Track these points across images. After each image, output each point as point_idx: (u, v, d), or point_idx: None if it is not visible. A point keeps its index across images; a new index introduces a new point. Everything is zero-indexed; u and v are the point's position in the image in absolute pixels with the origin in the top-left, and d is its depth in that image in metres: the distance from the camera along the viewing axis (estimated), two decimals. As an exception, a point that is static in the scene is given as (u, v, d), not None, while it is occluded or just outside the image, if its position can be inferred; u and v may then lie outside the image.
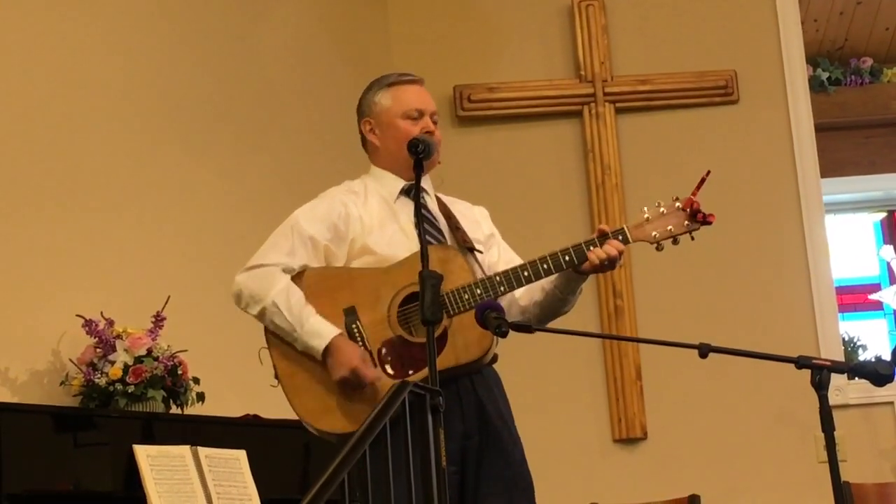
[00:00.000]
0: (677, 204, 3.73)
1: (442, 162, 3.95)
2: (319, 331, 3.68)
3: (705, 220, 3.70)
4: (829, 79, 8.14)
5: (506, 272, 3.67)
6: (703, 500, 5.43)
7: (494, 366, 3.83)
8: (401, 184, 3.88)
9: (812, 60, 7.97)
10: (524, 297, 3.86)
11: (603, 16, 6.94)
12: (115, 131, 5.33)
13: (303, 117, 6.35)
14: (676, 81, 6.90)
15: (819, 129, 7.00)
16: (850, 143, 8.24)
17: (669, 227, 3.71)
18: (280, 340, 3.76)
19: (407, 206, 3.83)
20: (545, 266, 3.66)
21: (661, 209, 3.72)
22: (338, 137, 6.45)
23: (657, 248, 3.72)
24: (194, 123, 5.71)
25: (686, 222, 3.70)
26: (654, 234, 3.71)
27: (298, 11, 6.53)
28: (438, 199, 3.96)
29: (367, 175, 3.96)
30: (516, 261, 3.87)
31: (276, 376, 3.76)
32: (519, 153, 6.90)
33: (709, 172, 3.64)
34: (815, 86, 7.93)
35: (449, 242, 3.83)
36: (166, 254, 5.39)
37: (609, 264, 3.68)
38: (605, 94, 6.88)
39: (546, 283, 3.79)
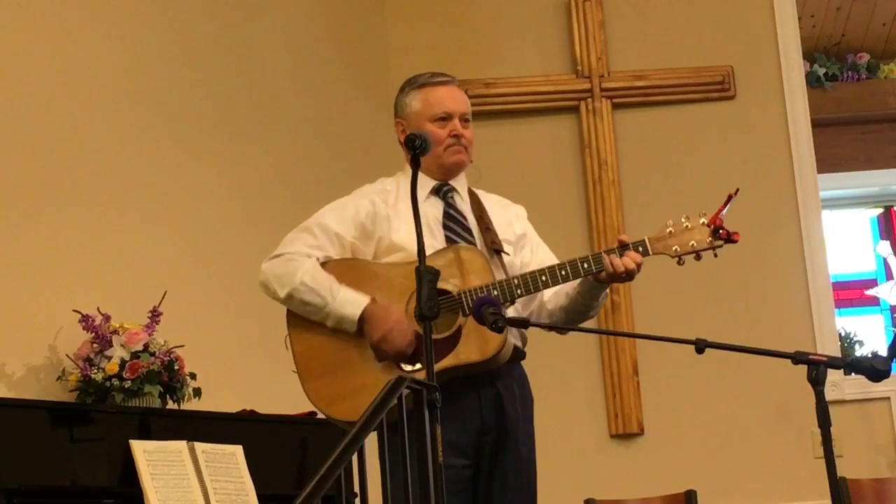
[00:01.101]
0: (702, 219, 3.70)
1: (474, 160, 3.99)
2: (352, 300, 3.69)
3: (730, 239, 3.68)
4: (825, 74, 8.14)
5: (524, 276, 3.69)
6: (699, 495, 5.44)
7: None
8: (431, 184, 3.89)
9: (809, 56, 7.97)
10: (551, 301, 3.88)
11: (600, 11, 6.94)
12: (112, 128, 5.32)
13: (300, 114, 6.35)
14: (673, 77, 6.90)
15: (816, 124, 7.01)
16: (847, 138, 8.25)
17: (692, 243, 3.69)
18: (299, 325, 3.77)
19: (436, 206, 3.86)
20: (563, 272, 3.68)
21: (686, 224, 3.71)
22: (336, 135, 6.46)
23: (678, 263, 3.71)
24: (192, 120, 5.71)
25: (709, 239, 3.69)
26: (675, 248, 3.70)
27: (296, 10, 6.53)
28: (474, 196, 3.98)
29: (402, 173, 3.98)
30: (550, 259, 3.89)
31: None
32: (516, 149, 6.90)
33: (737, 191, 3.62)
34: (812, 81, 7.93)
35: (477, 243, 3.83)
36: (163, 249, 5.39)
37: (626, 276, 3.67)
38: (602, 89, 6.88)
39: (570, 289, 3.81)
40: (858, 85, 8.24)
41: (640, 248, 3.69)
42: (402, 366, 3.67)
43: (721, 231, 3.67)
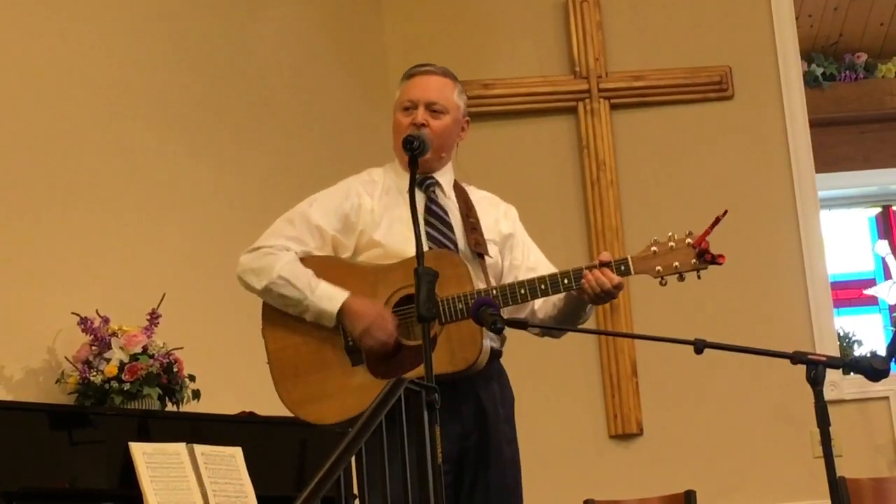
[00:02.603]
0: (688, 240, 3.61)
1: (443, 156, 3.92)
2: (331, 294, 3.67)
3: (714, 261, 3.61)
4: (823, 74, 8.16)
5: (503, 287, 3.64)
6: (698, 495, 5.43)
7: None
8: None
9: (806, 56, 7.98)
10: (541, 309, 3.84)
11: (597, 12, 6.95)
12: (111, 130, 5.32)
13: (299, 114, 6.35)
14: (671, 77, 6.90)
15: (814, 124, 7.01)
16: (845, 138, 8.26)
17: (675, 264, 3.60)
18: (275, 322, 3.76)
19: (418, 200, 3.75)
20: (542, 287, 3.62)
21: (671, 244, 3.61)
22: (334, 134, 6.46)
23: (661, 283, 3.65)
24: (190, 121, 5.71)
25: (693, 261, 3.59)
26: (657, 268, 3.60)
27: (294, 9, 6.53)
28: (462, 193, 3.92)
29: (390, 164, 3.95)
30: (541, 263, 3.85)
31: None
32: (514, 150, 6.90)
33: (725, 212, 3.54)
34: (810, 81, 7.95)
35: (459, 240, 3.79)
36: (162, 251, 5.39)
37: (604, 294, 3.61)
38: (600, 90, 6.88)
39: (557, 300, 3.77)
40: (856, 84, 8.25)
41: (623, 267, 3.62)
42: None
43: (706, 254, 3.61)
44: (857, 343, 8.03)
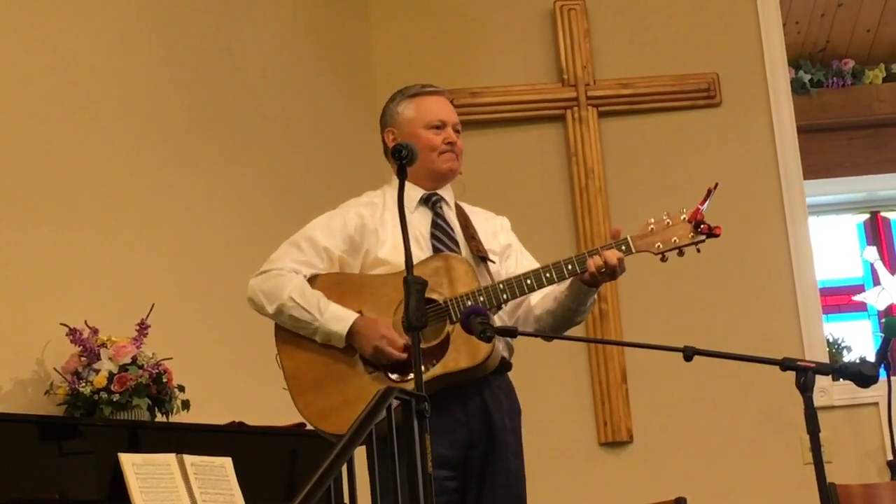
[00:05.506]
0: (683, 216, 3.71)
1: (462, 172, 4.02)
2: (341, 315, 3.71)
3: (711, 233, 3.68)
4: (811, 81, 8.17)
5: (509, 280, 3.70)
6: (689, 502, 5.43)
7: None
8: (420, 193, 3.92)
9: (794, 62, 8.00)
10: (539, 305, 3.89)
11: (585, 20, 6.95)
12: (98, 141, 5.32)
13: (287, 126, 6.35)
14: (659, 85, 6.91)
15: (801, 131, 7.02)
16: (833, 144, 8.27)
17: (674, 239, 3.70)
18: (288, 340, 3.78)
19: (424, 216, 3.88)
20: (548, 275, 3.68)
21: (667, 220, 3.72)
22: (322, 148, 6.46)
23: (661, 259, 3.71)
24: (179, 133, 5.71)
25: (691, 234, 3.68)
26: (657, 244, 3.70)
27: (281, 20, 6.53)
28: (459, 209, 4.00)
29: (388, 185, 3.99)
30: (535, 267, 3.88)
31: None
32: (502, 158, 6.89)
33: (717, 185, 3.62)
34: (798, 88, 7.96)
35: (463, 252, 3.85)
36: (150, 262, 5.38)
37: (608, 273, 3.67)
38: (588, 97, 6.88)
39: (558, 293, 3.82)
40: (844, 91, 8.27)
41: (623, 247, 3.70)
42: (391, 375, 3.67)
43: (702, 226, 3.67)
44: (846, 349, 8.03)
